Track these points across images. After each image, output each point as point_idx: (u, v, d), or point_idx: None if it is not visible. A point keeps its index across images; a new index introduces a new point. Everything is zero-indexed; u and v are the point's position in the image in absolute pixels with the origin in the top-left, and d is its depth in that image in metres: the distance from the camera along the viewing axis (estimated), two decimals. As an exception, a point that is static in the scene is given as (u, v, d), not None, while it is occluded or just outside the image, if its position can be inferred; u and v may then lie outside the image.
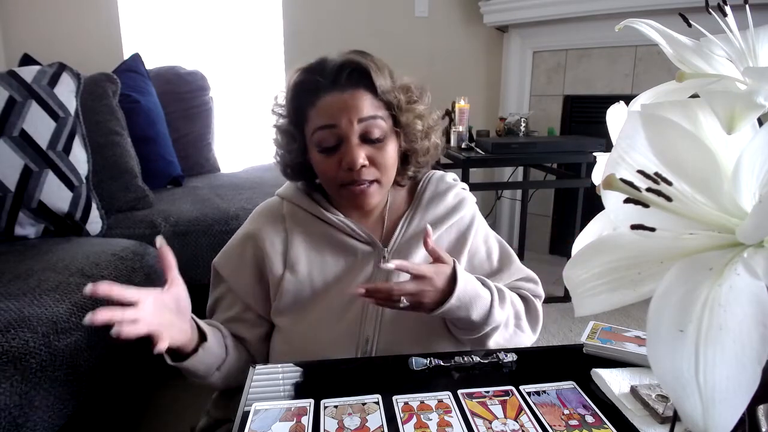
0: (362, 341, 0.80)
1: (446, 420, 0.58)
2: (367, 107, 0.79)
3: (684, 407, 0.26)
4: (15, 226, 1.37)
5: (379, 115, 0.80)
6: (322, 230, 0.86)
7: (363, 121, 0.78)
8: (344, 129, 0.78)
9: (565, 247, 2.59)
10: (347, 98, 0.78)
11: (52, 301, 0.99)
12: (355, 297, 0.79)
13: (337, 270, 0.84)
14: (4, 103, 1.35)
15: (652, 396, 0.60)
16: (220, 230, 1.54)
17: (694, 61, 0.37)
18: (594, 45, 2.52)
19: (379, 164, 0.80)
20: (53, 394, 0.91)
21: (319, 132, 0.79)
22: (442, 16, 2.82)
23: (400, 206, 0.92)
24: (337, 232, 0.85)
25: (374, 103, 0.80)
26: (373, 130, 0.79)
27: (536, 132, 2.56)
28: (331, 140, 0.79)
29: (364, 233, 0.85)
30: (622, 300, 0.33)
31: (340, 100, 0.78)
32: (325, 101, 0.79)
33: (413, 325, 0.82)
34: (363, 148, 0.79)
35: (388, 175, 0.83)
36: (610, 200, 0.33)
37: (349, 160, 0.78)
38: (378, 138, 0.80)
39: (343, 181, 0.80)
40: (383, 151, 0.81)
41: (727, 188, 0.30)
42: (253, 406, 0.61)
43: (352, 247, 0.85)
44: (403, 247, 0.86)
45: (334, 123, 0.78)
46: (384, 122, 0.80)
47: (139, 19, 2.62)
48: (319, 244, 0.85)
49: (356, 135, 0.79)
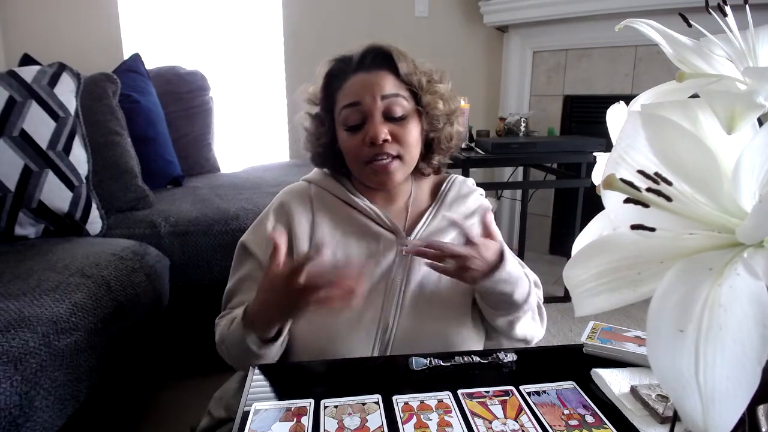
0: (382, 327, 0.81)
1: (446, 420, 0.58)
2: (389, 85, 0.83)
3: (684, 407, 0.26)
4: (15, 226, 1.37)
5: (401, 94, 0.84)
6: (347, 214, 0.89)
7: (386, 98, 0.83)
8: (368, 106, 0.82)
9: (565, 247, 2.59)
10: (371, 77, 0.83)
11: (52, 301, 0.99)
12: (378, 282, 0.83)
13: (360, 254, 0.86)
14: (4, 103, 1.35)
15: (652, 396, 0.60)
16: (220, 230, 1.54)
17: (694, 61, 0.37)
18: (594, 45, 2.52)
19: (401, 140, 0.84)
20: (53, 394, 0.91)
21: (345, 110, 0.84)
22: (442, 16, 2.82)
23: (424, 201, 0.95)
24: (362, 216, 0.88)
25: (396, 83, 0.84)
26: (395, 107, 0.83)
27: (536, 132, 2.56)
28: (357, 117, 0.83)
29: (389, 220, 0.88)
30: (622, 300, 0.33)
31: (364, 79, 0.84)
32: (350, 82, 0.85)
33: (433, 314, 0.83)
34: (386, 125, 0.83)
35: (410, 152, 0.86)
36: (610, 200, 0.33)
37: (372, 134, 0.82)
38: (401, 116, 0.84)
39: (367, 157, 0.84)
40: (405, 128, 0.84)
41: (727, 188, 0.30)
42: (253, 406, 0.61)
43: (376, 233, 0.87)
44: (424, 238, 0.89)
45: (359, 100, 0.83)
46: (406, 102, 0.85)
47: (139, 19, 2.62)
48: (344, 227, 0.88)
49: (379, 112, 0.83)
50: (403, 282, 0.84)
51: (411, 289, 0.84)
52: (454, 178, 0.98)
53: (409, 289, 0.84)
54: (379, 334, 0.81)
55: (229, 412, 0.82)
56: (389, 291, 0.83)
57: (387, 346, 0.81)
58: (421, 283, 0.85)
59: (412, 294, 0.83)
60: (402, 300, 0.83)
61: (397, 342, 0.81)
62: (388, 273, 0.84)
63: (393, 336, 0.81)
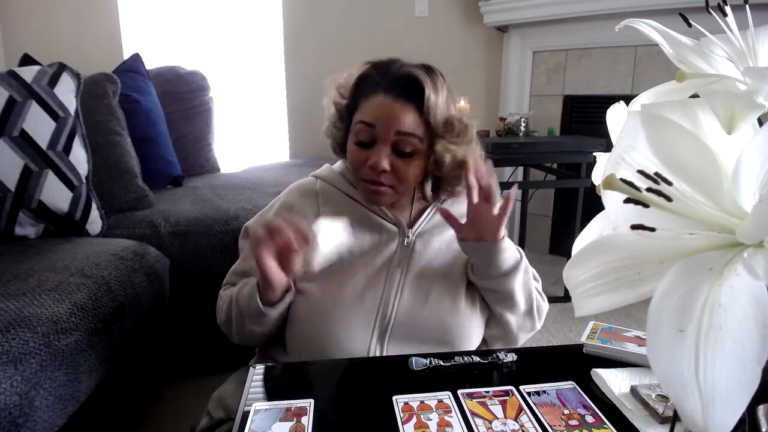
0: (381, 312, 0.83)
1: (446, 420, 0.58)
2: (408, 123, 0.83)
3: (684, 407, 0.26)
4: (15, 226, 1.37)
5: (417, 135, 0.84)
6: (352, 208, 0.91)
7: (400, 134, 0.83)
8: (380, 133, 0.83)
9: (565, 247, 2.59)
10: (395, 107, 0.83)
11: (52, 301, 0.99)
12: (379, 271, 0.85)
13: (363, 244, 0.88)
14: (4, 103, 1.35)
15: (652, 396, 0.60)
16: (220, 230, 1.54)
17: (694, 61, 0.37)
18: (594, 45, 2.52)
19: (400, 175, 0.85)
20: (53, 394, 0.91)
21: (359, 125, 0.85)
22: (442, 16, 2.82)
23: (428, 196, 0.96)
24: (366, 210, 0.91)
25: (417, 121, 0.84)
26: (406, 145, 0.84)
27: (536, 132, 2.56)
28: (367, 137, 0.84)
29: (392, 214, 0.91)
30: (622, 300, 0.33)
31: (387, 106, 0.83)
32: (375, 100, 0.84)
33: (432, 300, 0.85)
34: (391, 156, 0.84)
35: (405, 185, 0.88)
36: (610, 200, 0.33)
37: (374, 160, 0.83)
38: (408, 153, 0.84)
39: (364, 176, 0.86)
40: (409, 165, 0.85)
41: (727, 188, 0.30)
42: (253, 406, 0.61)
43: (379, 225, 0.90)
44: (426, 230, 0.92)
45: (374, 123, 0.83)
46: (419, 143, 0.85)
47: (139, 19, 2.62)
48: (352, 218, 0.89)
49: (389, 143, 0.83)
50: (403, 272, 0.86)
51: (411, 277, 0.86)
52: None
53: (409, 277, 0.86)
54: (378, 318, 0.82)
55: (228, 413, 0.82)
56: (389, 278, 0.85)
57: (385, 332, 0.82)
58: (421, 273, 0.87)
59: (412, 282, 0.86)
60: (402, 286, 0.85)
61: (396, 327, 0.82)
62: (389, 262, 0.87)
63: (392, 321, 0.82)
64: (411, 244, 0.89)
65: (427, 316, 0.83)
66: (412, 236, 0.90)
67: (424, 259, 0.88)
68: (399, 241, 0.89)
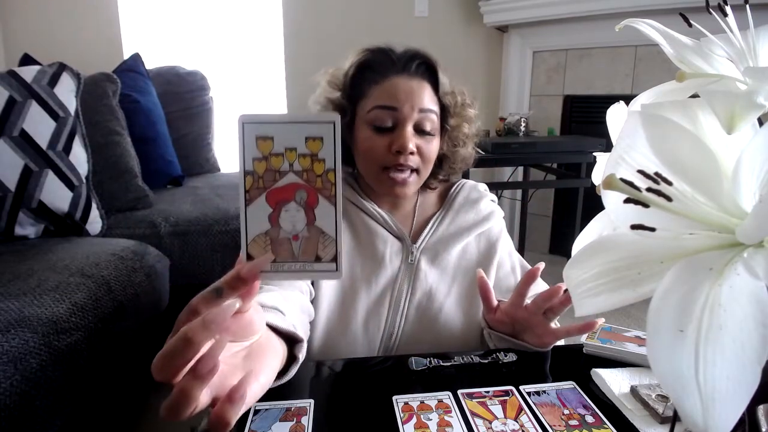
0: (386, 336, 0.82)
1: (446, 420, 0.58)
2: (428, 100, 0.83)
3: (684, 407, 0.26)
4: (15, 226, 1.37)
5: (434, 110, 0.84)
6: (354, 216, 0.88)
7: (423, 111, 0.82)
8: (404, 114, 0.81)
9: (565, 247, 2.59)
10: (415, 86, 0.82)
11: (52, 301, 0.99)
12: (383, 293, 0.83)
13: (364, 262, 0.85)
14: (4, 103, 1.35)
15: (652, 396, 0.60)
16: (220, 230, 1.54)
17: (694, 61, 0.37)
18: (594, 45, 2.52)
19: (423, 155, 0.83)
20: (53, 394, 0.91)
21: (378, 110, 0.81)
22: (442, 16, 2.82)
23: (430, 207, 0.94)
24: (369, 219, 0.88)
25: (433, 98, 0.84)
26: (426, 122, 0.82)
27: (536, 132, 2.56)
28: (388, 121, 0.82)
29: (396, 226, 0.88)
30: (622, 300, 0.33)
31: (407, 86, 0.81)
32: (392, 82, 0.82)
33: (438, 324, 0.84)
34: (414, 136, 0.82)
35: (427, 168, 0.86)
36: (610, 200, 0.33)
37: (401, 143, 0.80)
38: (429, 131, 0.83)
39: (388, 163, 0.82)
40: (430, 144, 0.84)
41: (727, 188, 0.30)
42: (253, 406, 0.61)
43: (383, 237, 0.87)
44: (431, 245, 0.88)
45: (397, 106, 0.81)
46: (436, 118, 0.84)
47: (139, 19, 2.62)
48: (350, 228, 0.87)
49: (412, 122, 0.82)
50: (408, 292, 0.84)
51: (416, 299, 0.84)
52: (463, 183, 0.97)
53: (415, 299, 0.84)
54: (382, 346, 0.82)
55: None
56: (393, 302, 0.83)
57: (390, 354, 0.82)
58: (427, 294, 0.85)
59: (417, 304, 0.84)
60: (407, 309, 0.83)
61: (401, 351, 0.82)
62: (394, 282, 0.85)
63: (396, 345, 0.82)
64: (415, 261, 0.86)
65: (433, 341, 0.82)
66: (416, 252, 0.87)
67: (430, 279, 0.85)
68: (402, 258, 0.86)
